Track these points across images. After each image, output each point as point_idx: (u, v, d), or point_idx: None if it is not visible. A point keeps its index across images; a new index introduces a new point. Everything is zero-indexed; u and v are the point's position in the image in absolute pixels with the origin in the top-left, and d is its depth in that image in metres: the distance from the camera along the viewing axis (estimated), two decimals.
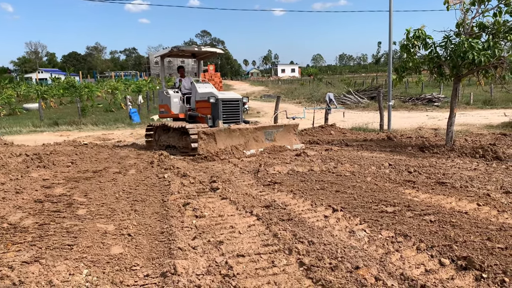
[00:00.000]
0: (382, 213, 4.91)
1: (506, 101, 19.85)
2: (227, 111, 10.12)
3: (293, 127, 10.24)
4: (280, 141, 9.80)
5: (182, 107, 11.14)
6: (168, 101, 11.10)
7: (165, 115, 11.53)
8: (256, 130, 9.39)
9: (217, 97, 9.97)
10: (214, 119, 10.02)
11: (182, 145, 9.96)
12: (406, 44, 9.30)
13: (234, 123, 9.97)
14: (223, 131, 8.99)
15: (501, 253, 3.66)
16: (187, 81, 11.77)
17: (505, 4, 8.28)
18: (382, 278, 3.24)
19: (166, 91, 11.23)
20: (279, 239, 4.16)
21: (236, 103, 10.35)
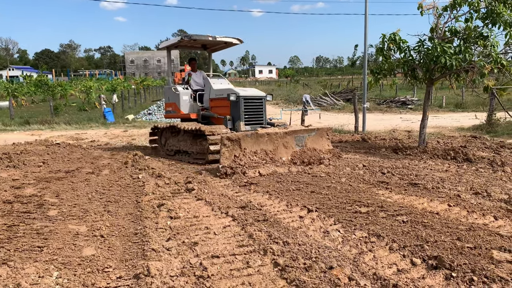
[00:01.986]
0: (356, 214, 4.97)
1: (477, 104, 20.40)
2: (249, 111, 8.84)
3: (326, 131, 8.71)
4: (312, 147, 8.33)
5: (192, 106, 9.84)
6: (177, 99, 9.76)
7: (172, 115, 10.19)
8: (286, 134, 7.82)
9: (238, 94, 8.66)
10: (234, 120, 8.77)
11: (196, 151, 8.73)
12: (381, 47, 9.45)
13: (257, 125, 8.85)
14: (250, 136, 7.31)
15: (470, 252, 3.76)
16: (199, 76, 10.40)
17: (475, 10, 8.51)
18: (355, 278, 3.27)
19: (174, 88, 9.87)
20: (254, 239, 4.16)
21: (259, 101, 9.05)
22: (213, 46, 10.57)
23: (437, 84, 10.41)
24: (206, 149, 8.17)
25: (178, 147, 9.28)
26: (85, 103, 26.58)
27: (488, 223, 4.59)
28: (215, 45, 10.41)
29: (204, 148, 8.35)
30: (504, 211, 4.97)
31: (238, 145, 7.21)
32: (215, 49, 10.91)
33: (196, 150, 8.68)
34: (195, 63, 10.57)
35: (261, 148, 7.46)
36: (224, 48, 10.71)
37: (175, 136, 9.43)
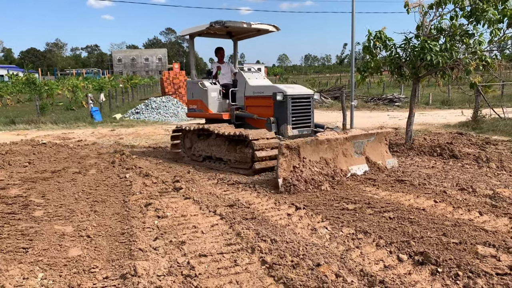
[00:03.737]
0: (344, 211, 5.00)
1: (463, 101, 20.61)
2: (297, 112, 7.66)
3: (385, 136, 7.49)
4: (371, 154, 7.11)
5: (222, 104, 8.66)
6: (204, 95, 8.53)
7: (198, 115, 8.94)
8: (346, 140, 6.69)
9: (285, 92, 7.46)
10: (279, 123, 7.61)
11: (235, 159, 7.46)
12: (367, 45, 9.49)
13: (305, 129, 7.80)
14: (310, 143, 6.18)
15: (456, 248, 3.80)
16: (226, 68, 9.21)
17: (460, 8, 8.59)
18: (342, 274, 3.29)
19: (201, 83, 8.60)
20: (242, 238, 4.16)
21: (307, 101, 7.87)
22: (240, 34, 9.39)
23: (424, 81, 10.48)
24: (250, 157, 7.05)
25: (209, 153, 8.07)
26: (72, 102, 26.31)
27: (473, 219, 4.65)
28: (245, 32, 9.22)
29: (246, 156, 7.16)
30: (488, 207, 5.03)
31: (297, 154, 6.07)
32: (242, 37, 9.64)
33: (235, 158, 7.43)
34: (223, 53, 9.23)
35: (321, 156, 6.33)
36: (254, 36, 9.55)
37: (203, 139, 8.29)
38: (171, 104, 19.57)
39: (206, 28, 8.17)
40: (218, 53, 9.17)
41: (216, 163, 7.87)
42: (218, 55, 9.18)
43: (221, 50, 9.20)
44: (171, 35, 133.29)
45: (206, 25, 8.11)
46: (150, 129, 14.69)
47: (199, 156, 8.36)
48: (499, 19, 8.19)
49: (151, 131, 14.08)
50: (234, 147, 7.48)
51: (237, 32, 9.22)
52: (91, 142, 11.63)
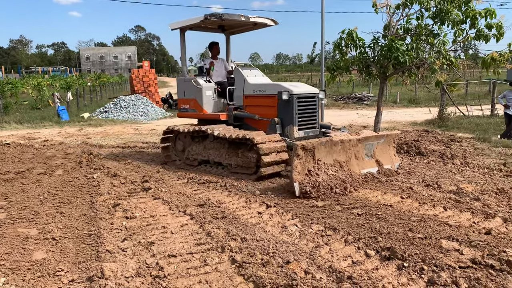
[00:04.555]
0: (313, 208, 5.05)
1: (429, 100, 21.17)
2: (303, 113, 7.16)
3: (394, 138, 7.15)
4: (381, 157, 6.77)
5: (217, 104, 8.09)
6: (198, 94, 7.89)
7: (190, 115, 8.29)
8: (359, 142, 6.35)
9: (291, 91, 6.94)
10: (284, 125, 7.08)
11: (236, 163, 6.93)
12: (339, 43, 9.60)
13: (310, 130, 7.32)
14: (324, 144, 5.80)
15: (421, 242, 3.90)
16: (220, 65, 8.58)
17: (426, 9, 8.81)
18: (311, 271, 3.32)
19: (194, 80, 7.91)
20: (212, 237, 4.14)
21: (313, 101, 7.36)
22: (234, 28, 8.79)
23: (392, 80, 10.70)
24: (255, 162, 6.57)
25: (206, 157, 7.47)
26: (37, 101, 25.53)
27: (438, 214, 4.78)
28: (239, 26, 8.60)
29: (249, 161, 6.66)
30: (453, 202, 5.19)
31: (312, 156, 5.67)
32: (236, 31, 9.06)
33: (236, 162, 6.91)
34: (218, 48, 8.58)
35: (334, 158, 5.94)
36: (249, 30, 8.96)
37: (199, 142, 7.66)
38: (141, 103, 19.28)
39: (200, 21, 7.58)
40: (213, 48, 8.56)
41: (214, 168, 7.28)
42: (213, 50, 8.57)
43: (216, 45, 8.57)
44: (140, 32, 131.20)
45: (200, 17, 7.55)
46: (119, 128, 14.43)
47: (194, 160, 7.73)
48: (462, 20, 8.45)
49: (120, 131, 13.83)
50: (236, 151, 6.93)
51: (230, 26, 8.65)
52: (57, 142, 11.32)
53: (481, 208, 4.90)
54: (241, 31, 9.04)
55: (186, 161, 7.87)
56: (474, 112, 16.09)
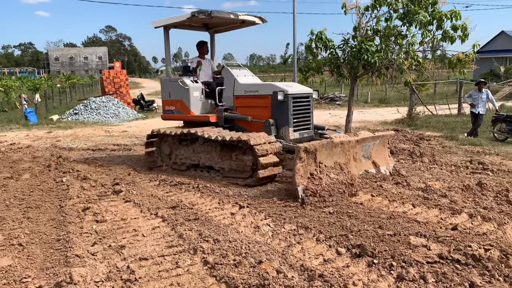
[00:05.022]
0: (286, 207, 5.08)
1: (399, 99, 21.64)
2: (298, 113, 6.93)
3: (388, 138, 7.07)
4: (377, 158, 6.62)
5: (205, 105, 7.73)
6: (185, 95, 7.49)
7: (176, 117, 7.87)
8: (357, 143, 6.18)
9: (286, 91, 6.66)
10: (279, 126, 6.81)
11: (229, 167, 6.59)
12: (309, 45, 9.70)
13: (305, 131, 7.09)
14: (325, 146, 5.61)
15: (390, 239, 3.98)
16: (207, 65, 8.20)
17: (394, 10, 9.00)
18: (283, 270, 3.34)
19: (181, 80, 7.51)
20: (184, 239, 4.11)
21: (307, 101, 7.12)
22: (220, 26, 8.46)
23: (363, 80, 10.89)
24: (251, 165, 6.27)
25: (196, 161, 7.10)
26: (4, 103, 24.76)
27: (407, 211, 4.89)
28: (226, 24, 8.29)
29: (244, 164, 6.34)
30: (421, 199, 5.32)
31: (314, 159, 5.46)
32: (221, 30, 8.74)
33: (230, 166, 6.57)
34: (207, 47, 8.25)
35: (335, 161, 5.77)
36: (235, 28, 8.62)
37: (187, 146, 7.28)
38: (112, 104, 18.95)
39: (187, 19, 7.20)
40: (201, 47, 8.17)
41: (205, 172, 6.94)
42: (201, 49, 8.18)
43: (205, 44, 8.22)
44: (111, 33, 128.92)
45: (187, 15, 7.17)
46: (89, 131, 14.15)
47: (182, 165, 7.34)
48: (429, 21, 8.67)
49: (90, 133, 13.56)
50: (229, 154, 6.59)
51: (215, 24, 8.31)
52: (25, 145, 11.00)
53: (448, 204, 5.04)
54: (226, 30, 8.75)
55: (173, 165, 7.49)
56: (442, 111, 16.55)
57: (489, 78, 30.50)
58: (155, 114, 20.28)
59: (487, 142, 10.07)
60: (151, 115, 19.79)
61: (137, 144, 10.81)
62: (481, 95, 11.16)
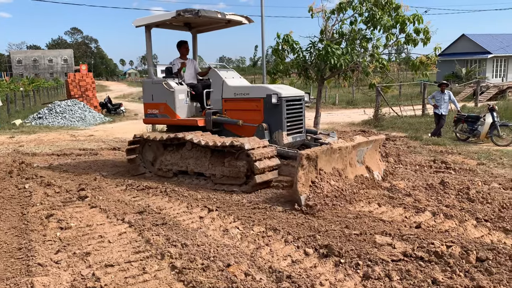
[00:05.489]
0: (255, 210, 5.10)
1: (366, 101, 22.06)
2: (291, 117, 6.71)
3: (379, 143, 6.87)
4: (369, 163, 6.38)
5: (191, 108, 7.41)
6: (170, 98, 7.11)
7: (160, 121, 7.58)
8: (353, 148, 5.95)
9: (280, 94, 6.43)
10: (272, 130, 6.58)
11: (221, 173, 6.25)
12: (276, 48, 9.79)
13: (298, 135, 6.90)
14: (325, 153, 5.40)
15: (357, 239, 4.05)
16: (190, 66, 7.80)
17: (359, 14, 9.20)
18: (251, 273, 3.35)
19: (165, 83, 7.14)
20: (152, 244, 4.06)
21: (300, 104, 6.93)
22: (203, 26, 8.12)
23: (331, 82, 11.07)
24: (245, 171, 5.97)
25: (184, 167, 6.72)
26: None
27: (372, 210, 5.00)
28: (210, 24, 7.94)
29: (238, 170, 6.03)
30: (386, 198, 5.44)
31: (314, 166, 5.26)
32: (204, 30, 8.38)
33: (222, 172, 6.23)
34: (187, 47, 7.82)
35: (333, 167, 5.58)
36: (219, 28, 8.27)
37: (174, 151, 6.91)
38: (78, 108, 18.51)
39: (172, 18, 6.86)
40: (181, 47, 7.76)
41: (194, 179, 6.63)
42: (182, 49, 7.76)
43: (185, 44, 7.81)
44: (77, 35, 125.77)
45: (172, 14, 6.79)
46: (54, 135, 13.76)
47: (168, 171, 6.96)
48: (393, 25, 8.91)
49: (55, 137, 13.19)
50: (221, 160, 6.28)
51: (199, 24, 7.95)
52: None
53: (412, 203, 5.18)
54: (209, 29, 8.41)
55: (158, 172, 7.10)
56: (407, 112, 16.98)
57: (451, 79, 31.55)
58: (122, 117, 19.95)
59: (450, 142, 10.40)
60: (119, 118, 19.46)
61: (104, 148, 10.59)
62: (443, 96, 11.52)
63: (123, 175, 7.37)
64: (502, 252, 3.65)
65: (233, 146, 5.99)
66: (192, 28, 8.23)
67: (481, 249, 3.73)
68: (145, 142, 7.31)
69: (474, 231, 4.27)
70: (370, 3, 8.97)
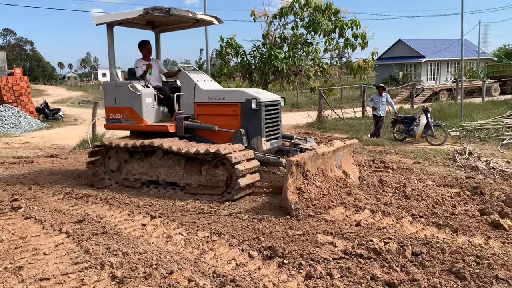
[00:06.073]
0: (199, 215, 5.05)
1: (310, 104, 22.58)
2: (269, 122, 6.45)
3: (354, 147, 6.86)
4: (345, 167, 6.31)
5: (158, 113, 6.98)
6: (136, 102, 6.64)
7: (125, 126, 6.97)
8: (333, 153, 5.90)
9: (259, 99, 6.19)
10: (250, 136, 6.30)
11: (198, 183, 5.93)
12: (220, 51, 9.79)
13: (275, 141, 6.67)
14: (311, 158, 5.35)
15: (300, 239, 4.13)
16: (155, 67, 7.35)
17: (300, 19, 9.42)
18: (195, 279, 3.31)
19: (131, 85, 6.64)
20: (91, 255, 3.90)
21: (277, 109, 6.71)
22: (167, 25, 7.68)
23: (276, 85, 11.23)
24: (225, 180, 5.71)
25: (154, 177, 6.31)
26: None
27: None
28: (177, 23, 7.49)
29: (217, 179, 5.74)
30: None
31: (302, 173, 5.21)
32: (167, 29, 7.95)
33: (199, 181, 5.91)
34: (150, 48, 7.34)
35: (318, 172, 5.57)
36: (186, 28, 7.83)
37: (142, 159, 6.48)
38: (12, 114, 17.49)
39: (140, 16, 6.41)
40: (144, 47, 7.26)
41: (168, 189, 6.21)
42: (144, 50, 7.28)
43: (148, 44, 7.33)
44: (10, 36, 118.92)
45: (139, 11, 6.35)
46: None
47: (136, 181, 6.50)
48: (332, 29, 9.20)
49: None
50: (197, 168, 5.96)
51: (163, 23, 7.51)
52: None
53: (352, 202, 5.34)
54: (174, 29, 7.98)
55: (124, 182, 6.63)
56: (348, 114, 17.55)
57: (389, 82, 33.02)
58: (61, 123, 19.11)
59: (388, 142, 10.86)
60: (57, 124, 18.61)
61: (40, 156, 10.06)
62: (381, 98, 12.01)
63: (61, 183, 7.04)
64: (435, 246, 3.86)
65: (214, 154, 5.68)
66: (155, 27, 7.78)
67: (416, 244, 3.92)
68: (110, 149, 6.76)
69: (410, 227, 4.48)
70: (311, 8, 9.20)
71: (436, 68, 38.25)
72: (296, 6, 9.35)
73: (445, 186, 6.13)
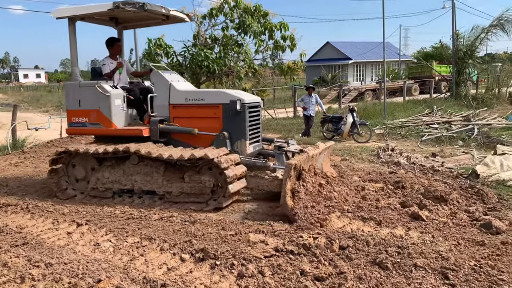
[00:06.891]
0: (129, 220, 4.91)
1: None
2: (252, 124, 6.16)
3: (330, 150, 6.94)
4: (325, 169, 6.15)
5: (127, 116, 6.48)
6: (104, 104, 6.14)
7: (91, 131, 6.49)
8: (319, 156, 5.80)
9: (243, 100, 5.87)
10: (233, 139, 5.94)
11: (181, 191, 5.54)
12: (149, 52, 9.59)
13: (257, 143, 6.42)
14: (305, 161, 5.25)
15: (232, 239, 4.15)
16: (124, 67, 6.86)
17: (230, 20, 9.47)
18: (123, 286, 3.21)
19: (99, 85, 6.12)
20: (10, 268, 3.64)
21: (258, 110, 6.41)
22: (131, 22, 7.20)
23: (209, 86, 11.19)
24: (211, 186, 5.37)
25: (129, 185, 5.78)
26: None
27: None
28: (140, 20, 7.01)
29: (202, 185, 5.39)
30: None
31: (296, 176, 5.06)
32: (130, 26, 7.46)
33: (181, 189, 5.52)
34: (119, 46, 6.91)
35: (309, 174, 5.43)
36: (151, 25, 7.36)
37: (113, 166, 5.90)
38: None
39: (109, 10, 5.91)
40: (114, 45, 6.75)
41: (146, 199, 5.75)
42: (113, 48, 6.76)
43: (119, 42, 6.86)
44: None
45: (107, 5, 5.85)
46: None
47: (106, 191, 5.93)
48: (262, 31, 9.35)
49: None
50: (178, 175, 5.55)
51: (128, 19, 7.02)
52: None
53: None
54: (139, 26, 7.53)
55: (92, 192, 6.02)
56: (281, 115, 17.92)
57: (319, 83, 34.15)
58: None
59: (318, 141, 11.20)
60: None
61: None
62: (311, 99, 12.38)
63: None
64: (360, 239, 4.05)
65: (194, 159, 5.32)
66: (119, 24, 7.25)
67: (343, 238, 4.09)
68: (75, 156, 6.11)
69: (338, 222, 4.66)
70: (240, 9, 9.28)
71: (361, 69, 40.18)
72: (225, 7, 9.39)
73: (370, 181, 6.44)
